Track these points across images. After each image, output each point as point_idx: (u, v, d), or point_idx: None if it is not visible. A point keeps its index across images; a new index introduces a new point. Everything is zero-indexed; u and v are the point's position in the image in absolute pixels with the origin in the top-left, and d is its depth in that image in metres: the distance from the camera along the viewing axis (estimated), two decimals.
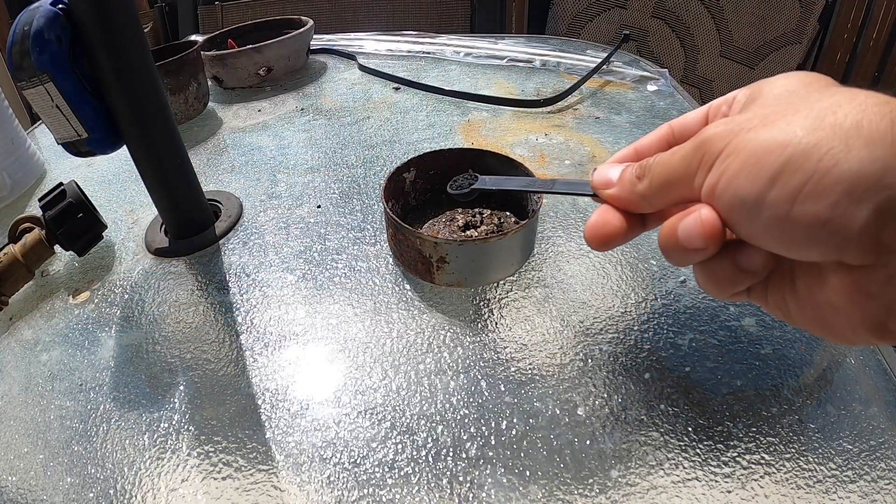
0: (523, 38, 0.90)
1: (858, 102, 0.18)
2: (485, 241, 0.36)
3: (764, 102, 0.22)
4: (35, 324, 0.43)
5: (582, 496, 0.29)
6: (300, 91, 0.78)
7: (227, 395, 0.35)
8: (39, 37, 0.36)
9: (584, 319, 0.37)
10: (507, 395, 0.33)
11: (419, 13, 1.52)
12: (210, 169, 0.60)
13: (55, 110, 0.38)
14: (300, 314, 0.40)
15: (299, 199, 0.53)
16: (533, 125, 0.62)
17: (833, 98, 0.18)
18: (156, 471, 0.32)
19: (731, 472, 0.29)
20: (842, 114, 0.17)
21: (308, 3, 1.51)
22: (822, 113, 0.18)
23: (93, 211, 0.46)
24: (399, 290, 0.41)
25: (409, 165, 0.44)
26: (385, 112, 0.69)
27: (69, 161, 0.66)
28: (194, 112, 0.72)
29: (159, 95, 0.41)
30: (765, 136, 0.18)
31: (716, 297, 0.23)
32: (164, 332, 0.40)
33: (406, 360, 0.36)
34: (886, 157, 0.16)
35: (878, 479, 0.29)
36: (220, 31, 0.87)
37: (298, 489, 0.30)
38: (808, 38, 1.58)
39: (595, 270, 0.41)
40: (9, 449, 0.35)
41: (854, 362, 0.34)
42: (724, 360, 0.34)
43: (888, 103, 0.17)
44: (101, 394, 0.37)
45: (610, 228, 0.25)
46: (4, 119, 0.60)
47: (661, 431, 0.31)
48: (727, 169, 0.19)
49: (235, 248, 0.47)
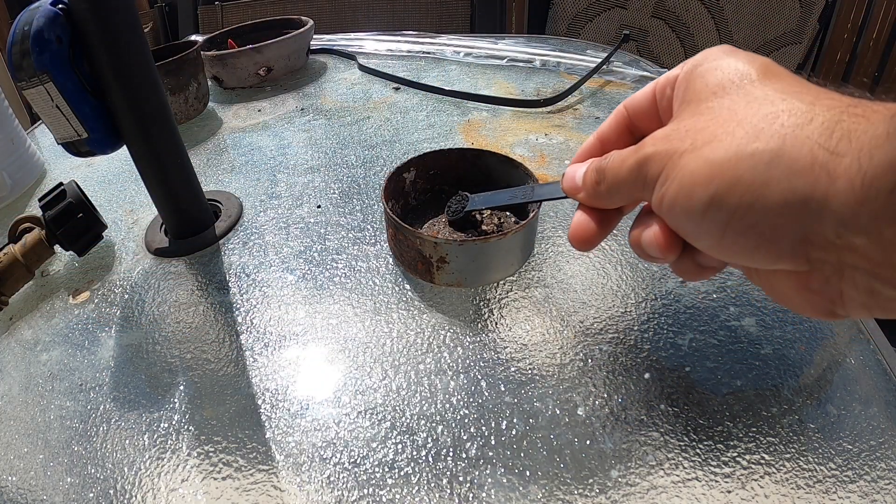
0: (523, 38, 0.90)
1: (780, 124, 0.18)
2: (485, 241, 0.36)
3: (697, 98, 0.21)
4: (35, 324, 0.43)
5: (582, 496, 0.29)
6: (300, 91, 0.78)
7: (227, 395, 0.35)
8: (39, 37, 0.36)
9: (584, 319, 0.37)
10: (507, 395, 0.33)
11: (419, 13, 1.52)
12: (210, 169, 0.60)
13: (55, 110, 0.38)
14: (300, 314, 0.40)
15: (299, 199, 0.53)
16: (533, 125, 0.62)
17: (758, 113, 0.19)
18: (156, 471, 0.32)
19: (731, 472, 0.29)
20: (763, 141, 0.18)
21: (308, 3, 1.51)
22: (745, 140, 0.18)
23: (93, 211, 0.46)
24: (399, 290, 0.41)
25: (409, 165, 0.44)
26: (385, 112, 0.69)
27: (69, 161, 0.66)
28: (194, 112, 0.72)
29: (159, 95, 0.41)
30: (692, 166, 0.19)
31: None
32: (164, 332, 0.40)
33: (406, 360, 0.36)
34: (806, 187, 0.17)
35: (878, 479, 0.29)
36: (220, 31, 0.87)
37: (298, 489, 0.30)
38: (808, 38, 1.58)
39: (595, 270, 0.41)
40: (9, 449, 0.35)
41: (854, 362, 0.34)
42: (724, 360, 0.34)
43: (809, 122, 0.17)
44: (101, 394, 0.37)
45: (586, 230, 0.26)
46: (4, 119, 0.60)
47: (661, 431, 0.31)
48: (666, 194, 0.21)
49: (235, 248, 0.47)
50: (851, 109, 0.17)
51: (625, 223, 0.27)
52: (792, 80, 0.20)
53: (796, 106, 0.18)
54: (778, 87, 0.19)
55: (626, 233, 0.43)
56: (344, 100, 0.74)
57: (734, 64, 0.21)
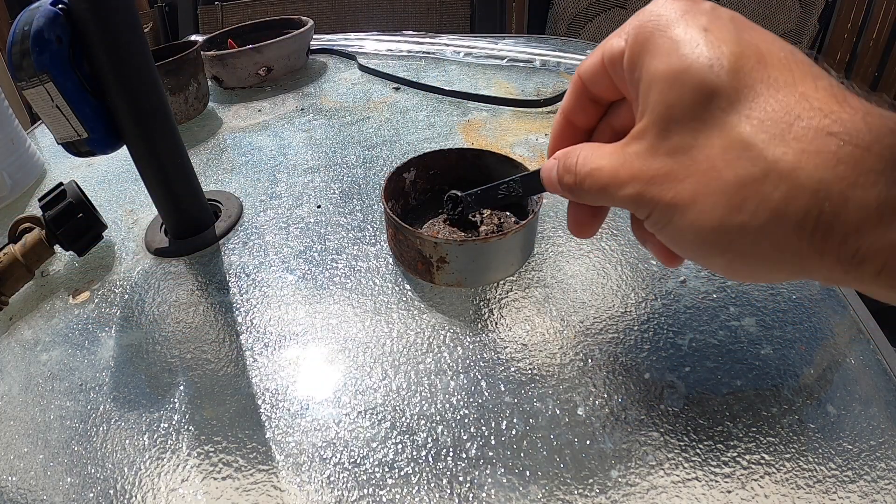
0: (523, 38, 0.90)
1: (764, 196, 0.16)
2: (485, 241, 0.36)
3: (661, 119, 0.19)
4: (35, 324, 0.43)
5: (582, 496, 0.29)
6: (300, 91, 0.78)
7: (227, 395, 0.35)
8: (39, 37, 0.36)
9: (584, 319, 0.37)
10: (507, 395, 0.33)
11: (419, 13, 1.52)
12: (210, 169, 0.60)
13: (55, 110, 0.38)
14: (300, 314, 0.40)
15: (299, 199, 0.53)
16: (533, 125, 0.62)
17: (738, 172, 0.17)
18: (156, 471, 0.32)
19: (731, 472, 0.29)
20: (748, 214, 0.17)
21: (308, 3, 1.51)
22: (728, 211, 0.17)
23: (93, 211, 0.46)
24: (399, 290, 0.41)
25: (409, 165, 0.44)
26: (385, 112, 0.69)
27: (69, 161, 0.66)
28: (194, 112, 0.72)
29: (159, 95, 0.41)
30: (681, 225, 0.19)
31: None
32: (164, 332, 0.40)
33: (406, 360, 0.36)
34: (795, 261, 0.17)
35: (878, 479, 0.29)
36: (220, 31, 0.87)
37: (298, 489, 0.30)
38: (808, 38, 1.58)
39: (595, 270, 0.41)
40: (9, 449, 0.35)
41: (854, 362, 0.34)
42: (724, 360, 0.34)
43: (795, 197, 0.16)
44: (101, 394, 0.37)
45: (580, 221, 0.26)
46: (4, 119, 0.60)
47: (661, 431, 0.31)
48: (660, 237, 0.20)
49: (235, 248, 0.47)
50: (840, 172, 0.15)
51: (625, 220, 0.27)
52: (772, 96, 0.17)
53: (781, 167, 0.16)
54: (759, 116, 0.17)
55: (626, 232, 0.44)
56: (344, 100, 0.74)
57: (695, 59, 0.18)
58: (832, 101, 0.16)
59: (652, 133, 0.19)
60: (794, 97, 0.16)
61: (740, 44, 0.17)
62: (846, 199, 0.15)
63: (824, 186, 0.15)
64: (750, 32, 0.18)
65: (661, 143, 0.19)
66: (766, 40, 0.18)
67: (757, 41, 0.18)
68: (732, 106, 0.17)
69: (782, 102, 0.16)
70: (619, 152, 0.21)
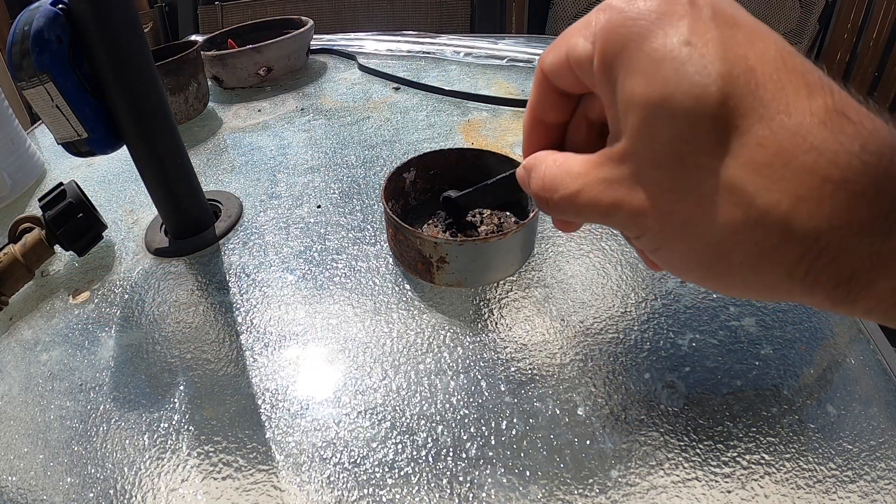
0: (523, 38, 0.90)
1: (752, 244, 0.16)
2: (485, 241, 0.36)
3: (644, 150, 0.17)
4: (35, 324, 0.43)
5: (582, 496, 0.29)
6: (300, 91, 0.78)
7: (227, 395, 0.35)
8: (39, 37, 0.36)
9: (584, 319, 0.37)
10: (507, 395, 0.33)
11: (419, 13, 1.52)
12: (210, 169, 0.60)
13: (55, 110, 0.38)
14: (300, 314, 0.40)
15: (299, 199, 0.53)
16: None
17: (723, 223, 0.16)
18: (156, 471, 0.32)
19: (731, 472, 0.29)
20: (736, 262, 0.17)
21: (308, 3, 1.52)
22: (715, 258, 0.17)
23: (93, 211, 0.46)
24: (399, 290, 0.41)
25: (409, 165, 0.44)
26: (385, 112, 0.69)
27: (69, 161, 0.66)
28: (194, 112, 0.72)
29: (159, 95, 0.41)
30: (672, 256, 0.18)
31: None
32: (164, 332, 0.40)
33: (406, 360, 0.36)
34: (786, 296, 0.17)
35: (878, 479, 0.29)
36: (220, 31, 0.87)
37: (298, 489, 0.30)
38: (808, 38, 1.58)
39: (595, 270, 0.41)
40: (9, 449, 0.35)
41: (854, 362, 0.34)
42: (724, 360, 0.34)
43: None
44: (101, 394, 0.37)
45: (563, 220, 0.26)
46: (4, 119, 0.60)
47: (661, 431, 0.31)
48: (654, 260, 0.20)
49: (235, 248, 0.47)
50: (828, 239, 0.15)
51: None
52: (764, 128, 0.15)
53: (774, 217, 0.15)
54: (751, 156, 0.15)
55: None
56: (344, 100, 0.74)
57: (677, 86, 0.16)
58: (827, 133, 0.15)
59: (633, 163, 0.18)
60: (787, 133, 0.15)
61: (728, 61, 0.16)
62: (842, 248, 0.15)
63: (819, 235, 0.15)
64: (736, 38, 0.16)
65: (645, 172, 0.17)
66: (756, 49, 0.16)
67: (745, 52, 0.16)
68: (721, 144, 0.16)
69: (775, 138, 0.15)
70: (595, 174, 0.19)
